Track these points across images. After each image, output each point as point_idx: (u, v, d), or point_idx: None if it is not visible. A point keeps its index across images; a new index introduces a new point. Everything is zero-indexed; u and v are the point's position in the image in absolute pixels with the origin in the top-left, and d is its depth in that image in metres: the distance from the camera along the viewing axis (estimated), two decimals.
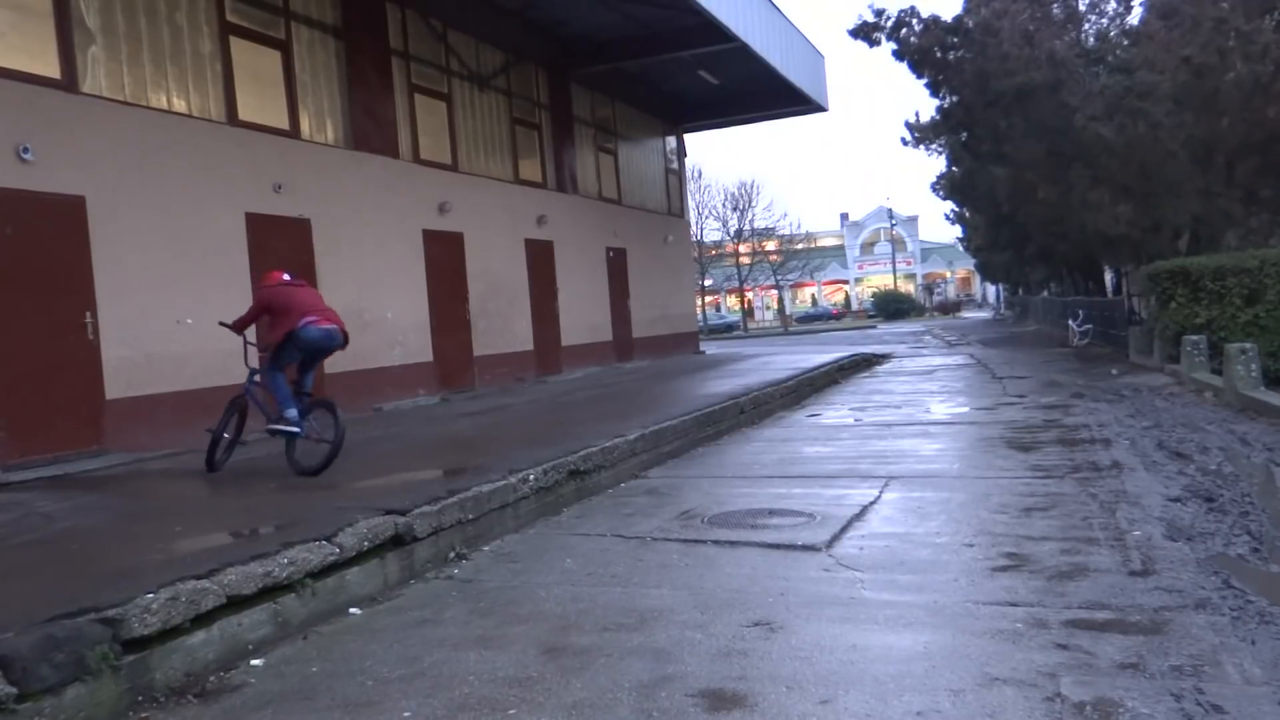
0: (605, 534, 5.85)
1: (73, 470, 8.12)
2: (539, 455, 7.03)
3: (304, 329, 6.86)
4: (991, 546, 5.03)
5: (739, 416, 10.72)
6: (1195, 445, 7.79)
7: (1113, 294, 24.04)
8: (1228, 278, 12.72)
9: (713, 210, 56.92)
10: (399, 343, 13.11)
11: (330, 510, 5.34)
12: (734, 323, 59.94)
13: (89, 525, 5.61)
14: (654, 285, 21.89)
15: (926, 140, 27.71)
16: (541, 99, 17.85)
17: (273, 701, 3.51)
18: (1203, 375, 11.78)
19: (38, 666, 3.26)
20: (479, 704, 3.35)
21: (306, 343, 6.94)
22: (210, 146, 10.34)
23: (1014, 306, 48.91)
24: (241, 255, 10.58)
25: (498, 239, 15.73)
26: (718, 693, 3.32)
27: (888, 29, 18.05)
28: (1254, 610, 3.84)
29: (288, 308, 7.00)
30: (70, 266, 8.69)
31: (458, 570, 5.24)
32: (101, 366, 8.91)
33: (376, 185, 12.84)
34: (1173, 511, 5.56)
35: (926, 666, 3.44)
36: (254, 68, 11.25)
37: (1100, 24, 18.94)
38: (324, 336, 6.99)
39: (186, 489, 7.09)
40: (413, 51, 14.18)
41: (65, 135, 8.74)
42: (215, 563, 4.20)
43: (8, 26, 8.52)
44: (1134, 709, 3.00)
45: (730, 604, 4.30)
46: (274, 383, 7.10)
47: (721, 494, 6.91)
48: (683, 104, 23.48)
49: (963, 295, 77.04)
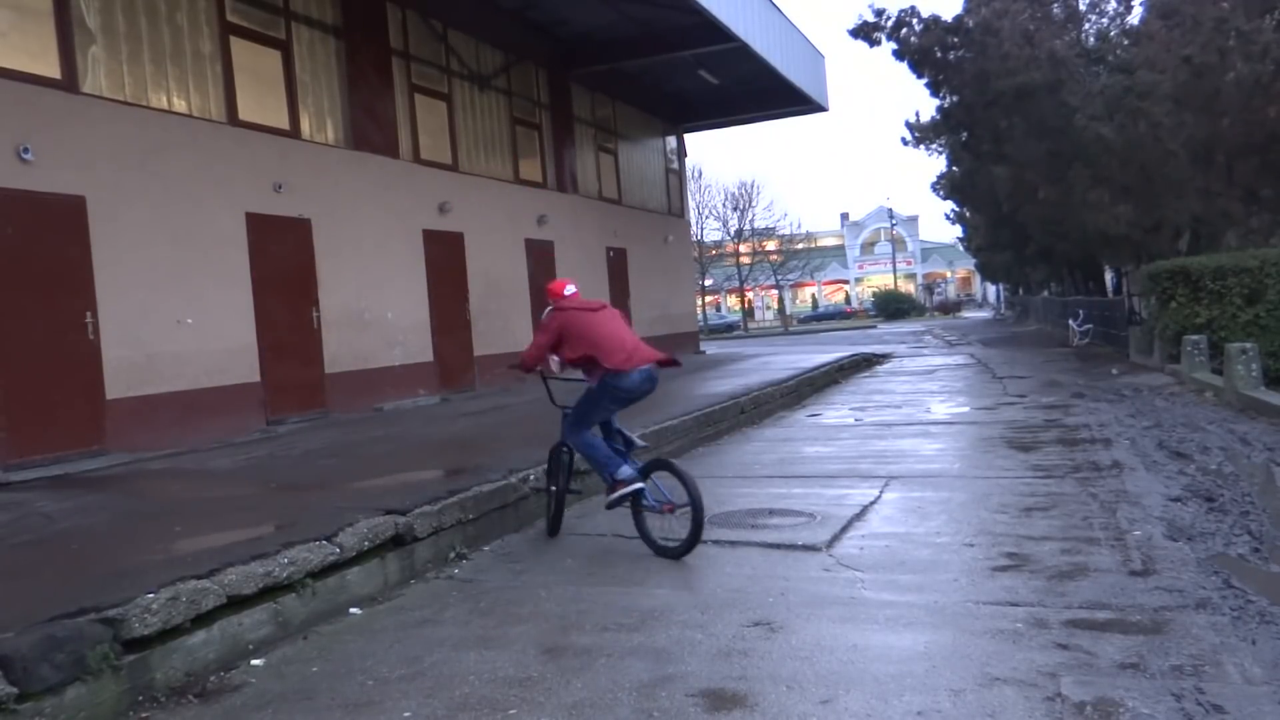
0: (605, 534, 5.85)
1: (73, 470, 8.12)
2: (539, 455, 7.01)
3: (625, 375, 5.30)
4: (992, 546, 5.03)
5: (739, 416, 10.73)
6: (1196, 445, 7.78)
7: (1113, 294, 24.04)
8: (1228, 277, 12.71)
9: (713, 210, 56.92)
10: (399, 343, 13.11)
11: (330, 510, 5.34)
12: (734, 322, 59.93)
13: (89, 525, 5.61)
14: (654, 285, 21.88)
15: (926, 140, 27.70)
16: (541, 99, 17.84)
17: (273, 701, 3.51)
18: (1203, 375, 11.78)
19: (38, 666, 3.26)
20: (479, 704, 3.35)
21: (625, 392, 5.39)
22: (210, 146, 10.34)
23: (1014, 306, 48.89)
24: (241, 255, 10.58)
25: (498, 239, 15.72)
26: (718, 692, 3.32)
27: (888, 29, 18.05)
28: (1254, 610, 3.83)
29: (593, 340, 5.36)
30: (70, 266, 8.69)
31: (458, 570, 5.24)
32: (102, 366, 8.90)
33: (377, 185, 12.84)
34: (1173, 511, 5.56)
35: (927, 666, 3.44)
36: (254, 68, 11.24)
37: (1100, 24, 18.94)
38: (645, 381, 5.40)
39: (187, 489, 7.09)
40: (413, 51, 14.18)
41: (65, 135, 8.74)
42: (215, 562, 4.20)
43: (8, 26, 8.52)
44: (1134, 709, 3.00)
45: (730, 604, 4.30)
46: (587, 446, 5.53)
47: (722, 494, 6.91)
48: (683, 104, 23.47)
49: (963, 295, 77.00)
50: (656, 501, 5.24)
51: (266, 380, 10.75)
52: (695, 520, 4.98)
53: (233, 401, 10.24)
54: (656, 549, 5.21)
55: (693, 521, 4.99)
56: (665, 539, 5.19)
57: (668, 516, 5.18)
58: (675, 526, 5.15)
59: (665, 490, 5.24)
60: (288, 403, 11.05)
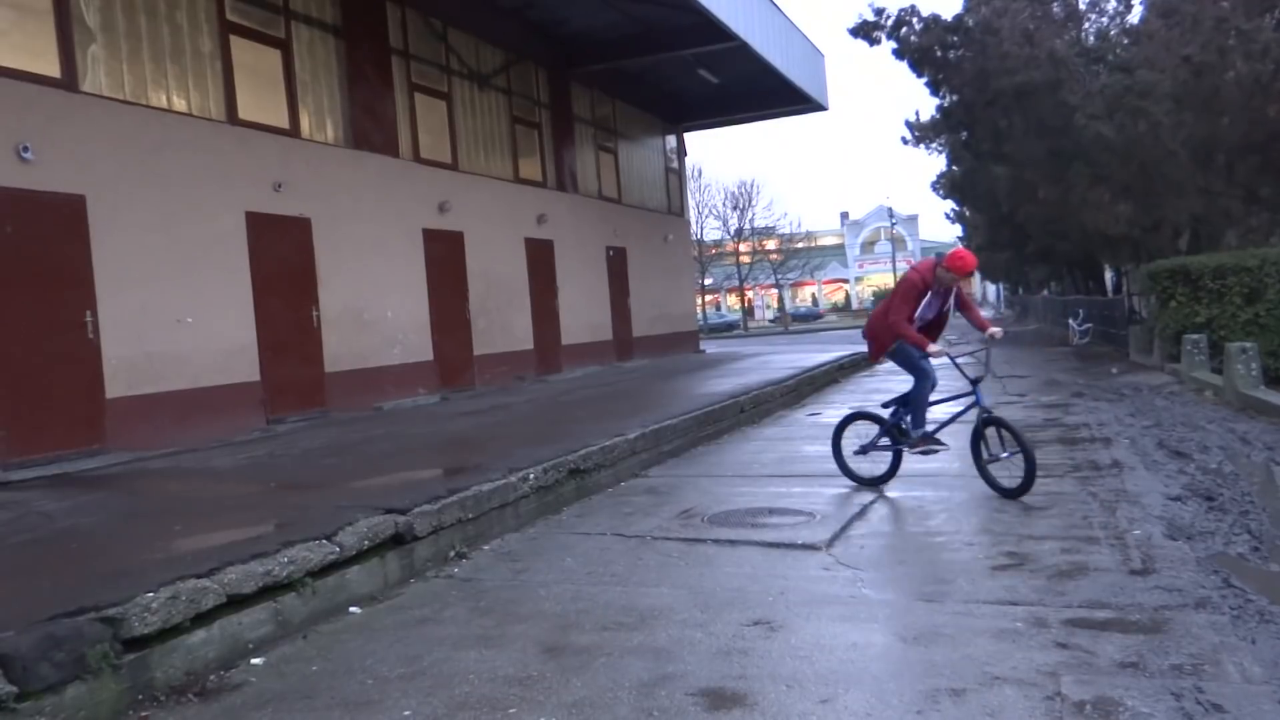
0: (605, 533, 5.85)
1: (73, 469, 8.12)
2: (539, 454, 7.03)
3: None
4: (992, 545, 5.03)
5: (739, 415, 10.72)
6: (1195, 444, 7.79)
7: (1113, 293, 24.04)
8: (1228, 276, 12.71)
9: (713, 209, 56.99)
10: (399, 341, 13.10)
11: (330, 509, 5.34)
12: (734, 322, 59.90)
13: (89, 524, 5.60)
14: (654, 284, 21.88)
15: (926, 139, 27.67)
16: (541, 98, 17.84)
17: (273, 700, 3.51)
18: (1203, 374, 11.78)
19: (38, 665, 3.26)
20: (479, 703, 3.35)
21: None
22: (210, 145, 10.33)
23: (1014, 305, 48.92)
24: (241, 254, 10.58)
25: (498, 238, 15.72)
26: (718, 691, 3.32)
27: (888, 28, 18.05)
28: (1254, 609, 3.84)
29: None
30: (70, 265, 8.69)
31: (458, 569, 5.24)
32: (102, 365, 8.90)
33: (376, 184, 12.84)
34: (1173, 510, 5.56)
35: (927, 665, 3.44)
36: (254, 66, 11.24)
37: (1100, 23, 18.93)
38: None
39: (186, 488, 7.08)
40: (413, 50, 14.17)
41: (65, 134, 8.74)
42: (215, 561, 4.20)
43: (8, 25, 8.52)
44: (1134, 708, 3.00)
45: (730, 603, 4.30)
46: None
47: (722, 493, 6.91)
48: (683, 103, 23.46)
49: None
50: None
51: (266, 379, 10.74)
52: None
53: (232, 400, 10.23)
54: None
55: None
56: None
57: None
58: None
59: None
60: (287, 402, 11.05)
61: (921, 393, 6.66)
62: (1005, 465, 6.19)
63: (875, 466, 6.85)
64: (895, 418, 6.79)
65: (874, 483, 6.78)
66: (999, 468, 6.26)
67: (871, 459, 6.86)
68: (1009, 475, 6.17)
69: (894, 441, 6.78)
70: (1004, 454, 6.23)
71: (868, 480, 6.81)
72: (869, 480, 6.81)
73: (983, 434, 6.39)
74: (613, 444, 7.70)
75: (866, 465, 6.88)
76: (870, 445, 6.85)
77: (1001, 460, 6.23)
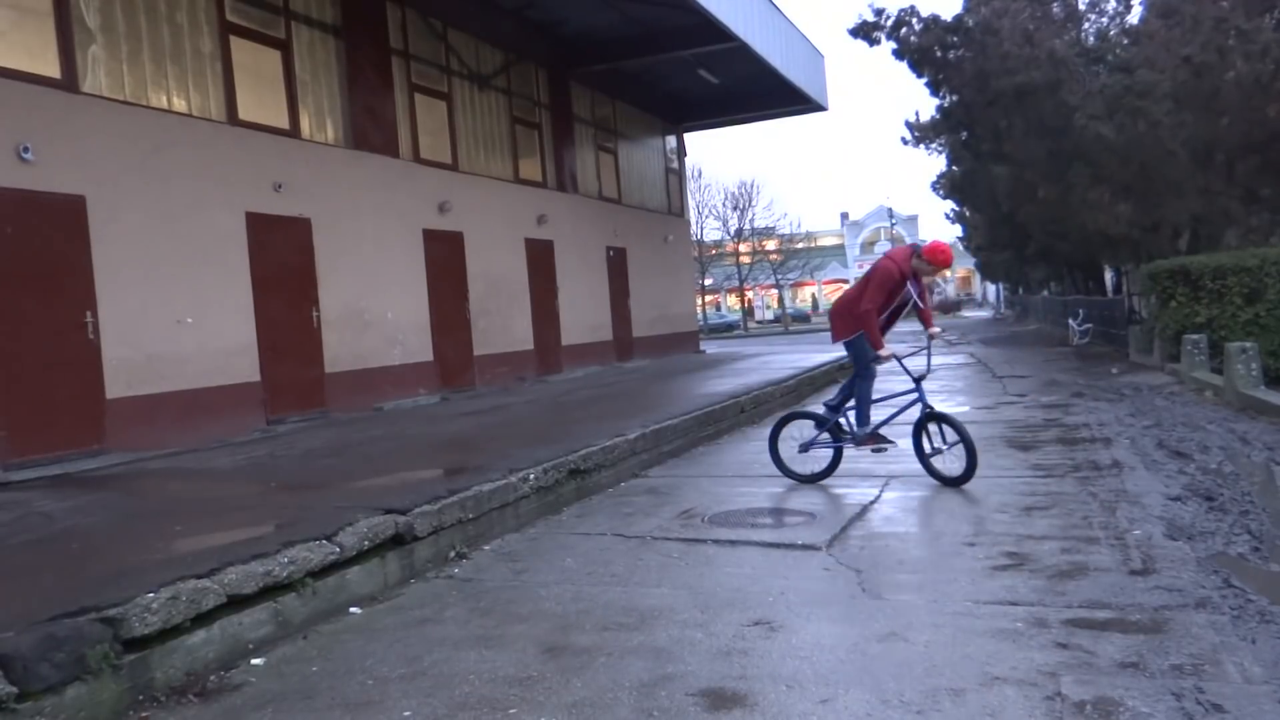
0: (606, 533, 5.85)
1: (73, 470, 8.12)
2: (539, 454, 7.03)
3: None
4: (992, 546, 5.03)
5: (739, 415, 10.73)
6: (1195, 444, 7.78)
7: (1113, 293, 24.03)
8: (1228, 277, 12.71)
9: (713, 210, 56.95)
10: (399, 342, 13.10)
11: (330, 509, 5.34)
12: (734, 322, 59.88)
13: (89, 525, 5.61)
14: (654, 285, 21.88)
15: (926, 139, 27.67)
16: (541, 98, 17.84)
17: (273, 701, 3.51)
18: (1203, 374, 11.78)
19: (38, 665, 3.26)
20: (479, 703, 3.35)
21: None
22: (210, 146, 10.34)
23: (1014, 306, 48.88)
24: (241, 255, 10.58)
25: (498, 238, 15.72)
26: (718, 692, 3.32)
27: (888, 28, 18.04)
28: (1254, 609, 3.84)
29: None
30: (70, 266, 8.69)
31: (458, 569, 5.24)
32: (102, 366, 8.90)
33: (376, 184, 12.84)
34: (1173, 510, 5.56)
35: (927, 666, 3.44)
36: (254, 67, 11.24)
37: (1100, 23, 18.93)
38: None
39: (187, 488, 7.09)
40: (413, 51, 14.18)
41: (65, 135, 8.74)
42: (215, 562, 4.20)
43: (8, 26, 8.52)
44: (1134, 708, 3.00)
45: (730, 603, 4.30)
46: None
47: (722, 493, 6.91)
48: (683, 103, 23.46)
49: (963, 295, 76.98)
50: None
51: (266, 380, 10.75)
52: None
53: (233, 401, 10.24)
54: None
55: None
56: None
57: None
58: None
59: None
60: (288, 402, 11.05)
61: (866, 390, 6.95)
62: (947, 457, 6.67)
63: (815, 464, 7.11)
64: (836, 415, 7.06)
65: (812, 479, 7.02)
66: (941, 459, 6.71)
67: (813, 456, 7.13)
68: (952, 465, 6.64)
69: (834, 439, 7.05)
70: (945, 446, 6.66)
71: (806, 477, 7.05)
72: (807, 477, 7.05)
73: (925, 429, 6.76)
74: (613, 444, 7.70)
75: (806, 463, 7.13)
76: (810, 443, 7.11)
77: (944, 452, 6.67)
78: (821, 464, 7.07)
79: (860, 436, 6.94)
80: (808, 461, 7.13)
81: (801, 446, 7.14)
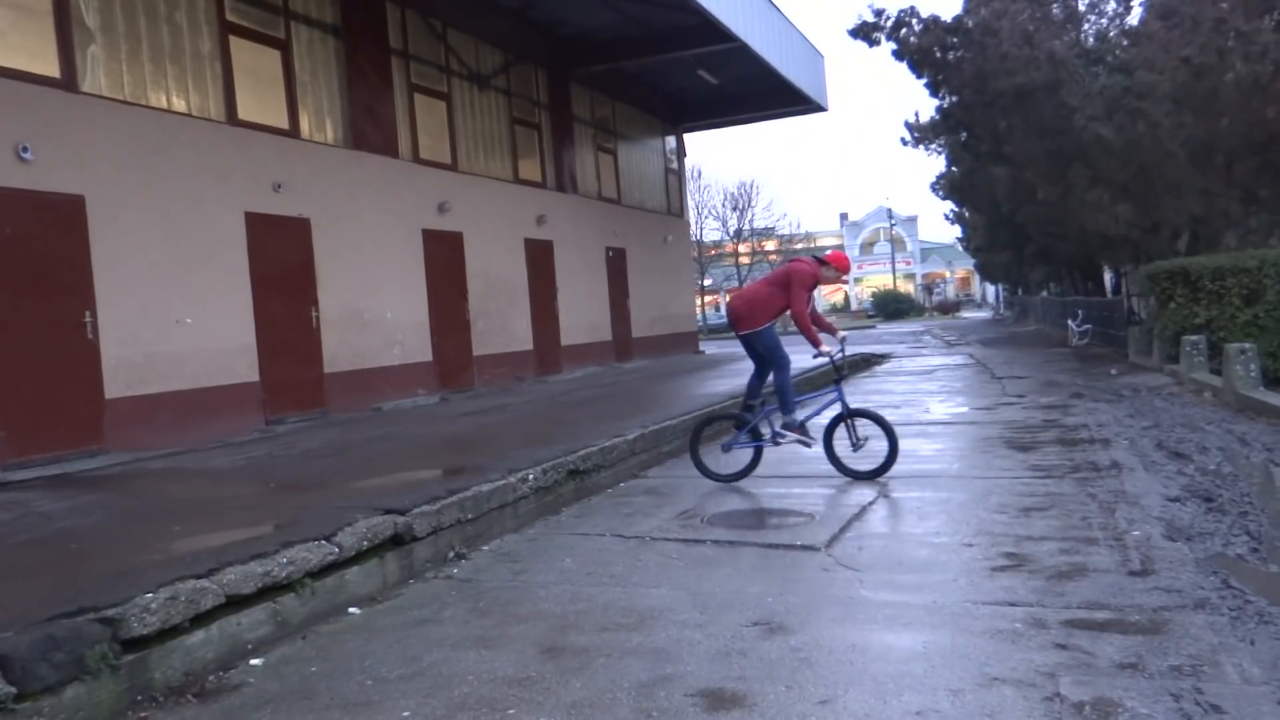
0: (605, 534, 5.85)
1: (72, 470, 8.12)
2: (538, 455, 7.03)
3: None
4: (991, 546, 5.03)
5: None
6: (1194, 445, 7.79)
7: (1112, 294, 24.03)
8: (1227, 278, 12.71)
9: (712, 210, 57.07)
10: (398, 342, 13.11)
11: (329, 510, 5.34)
12: None
13: (88, 525, 5.60)
14: (653, 285, 21.89)
15: (926, 140, 27.69)
16: (541, 99, 17.84)
17: (272, 701, 3.51)
18: (1202, 375, 11.79)
19: (37, 666, 3.26)
20: (478, 704, 3.35)
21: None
22: (210, 146, 10.34)
23: (1013, 306, 48.87)
24: (241, 255, 10.58)
25: (497, 239, 15.72)
26: (717, 692, 3.32)
27: (887, 29, 18.04)
28: (1253, 610, 3.84)
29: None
30: (70, 266, 8.69)
31: (457, 570, 5.24)
32: (101, 366, 8.90)
33: (376, 184, 12.84)
34: (1172, 511, 5.56)
35: (926, 666, 3.44)
36: (254, 67, 11.24)
37: (1100, 24, 18.93)
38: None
39: (185, 489, 7.08)
40: (412, 51, 14.18)
41: (65, 135, 8.74)
42: (214, 562, 4.20)
43: (7, 25, 8.52)
44: (1133, 709, 3.00)
45: (729, 604, 4.30)
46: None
47: (721, 493, 6.91)
48: (682, 104, 23.47)
49: (962, 295, 76.99)
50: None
51: (265, 380, 10.75)
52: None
53: (232, 401, 10.24)
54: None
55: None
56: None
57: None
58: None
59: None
60: (287, 402, 11.05)
61: (786, 379, 7.32)
62: (863, 453, 7.08)
63: (734, 465, 7.34)
64: (753, 416, 7.37)
65: (732, 479, 7.19)
66: (855, 456, 7.10)
67: (734, 457, 7.38)
68: (867, 459, 7.04)
69: (754, 439, 7.32)
70: (864, 441, 7.10)
71: (726, 477, 7.22)
72: (727, 477, 7.22)
73: (839, 425, 7.18)
74: (612, 445, 7.70)
75: (727, 464, 7.36)
76: (731, 443, 7.39)
77: (863, 446, 7.09)
78: (740, 465, 7.29)
79: (791, 423, 7.24)
80: (729, 462, 7.35)
81: (724, 447, 7.42)
